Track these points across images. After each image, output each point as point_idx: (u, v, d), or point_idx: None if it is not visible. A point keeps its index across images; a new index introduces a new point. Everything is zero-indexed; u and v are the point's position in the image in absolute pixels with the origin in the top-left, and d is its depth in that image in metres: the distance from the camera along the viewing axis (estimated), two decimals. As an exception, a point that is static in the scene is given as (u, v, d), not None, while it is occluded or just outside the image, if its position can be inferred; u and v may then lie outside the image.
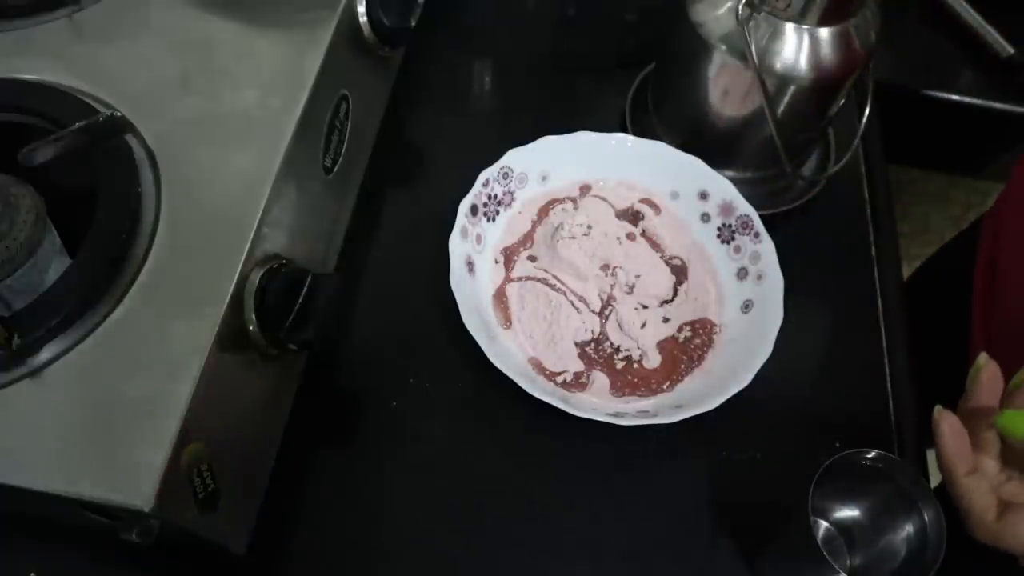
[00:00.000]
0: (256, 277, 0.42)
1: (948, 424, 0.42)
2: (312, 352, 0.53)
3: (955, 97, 0.76)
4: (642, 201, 0.61)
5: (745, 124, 0.58)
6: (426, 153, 0.66)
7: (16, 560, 0.47)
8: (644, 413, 0.50)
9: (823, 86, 0.55)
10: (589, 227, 0.58)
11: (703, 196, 0.59)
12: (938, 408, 0.42)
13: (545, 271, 0.57)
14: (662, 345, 0.55)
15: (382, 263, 0.60)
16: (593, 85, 0.71)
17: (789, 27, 0.52)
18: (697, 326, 0.56)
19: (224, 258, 0.41)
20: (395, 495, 0.51)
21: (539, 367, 0.53)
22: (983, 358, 0.44)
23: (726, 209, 0.58)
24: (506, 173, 0.58)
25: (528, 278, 0.57)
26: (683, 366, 0.54)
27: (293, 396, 0.51)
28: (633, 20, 0.75)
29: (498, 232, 0.58)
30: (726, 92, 0.57)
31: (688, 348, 0.55)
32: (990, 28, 0.77)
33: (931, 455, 0.55)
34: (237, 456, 0.44)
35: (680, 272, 0.58)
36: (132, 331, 0.39)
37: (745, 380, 0.49)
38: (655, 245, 0.59)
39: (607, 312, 0.56)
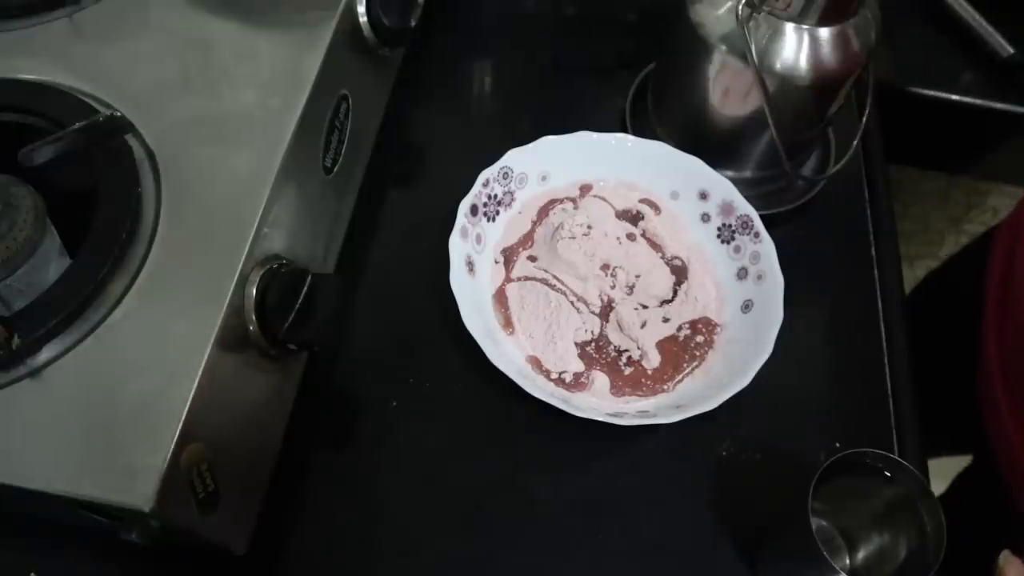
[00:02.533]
0: (256, 277, 0.42)
1: (1013, 568, 0.42)
2: (312, 352, 0.53)
3: (955, 97, 0.76)
4: (642, 201, 0.61)
5: (745, 124, 0.58)
6: (426, 153, 0.66)
7: (16, 560, 0.47)
8: (644, 413, 0.50)
9: (823, 86, 0.55)
10: (589, 227, 0.58)
11: (703, 196, 0.59)
12: (1005, 553, 0.43)
13: (545, 271, 0.57)
14: (662, 345, 0.55)
15: (382, 263, 0.60)
16: (593, 85, 0.71)
17: (789, 27, 0.52)
18: (698, 325, 0.56)
19: (224, 258, 0.41)
20: (395, 495, 0.51)
21: (539, 367, 0.53)
22: (1003, 559, 0.43)
23: (726, 209, 0.58)
24: (506, 173, 0.58)
25: (528, 278, 0.57)
26: (683, 366, 0.54)
27: (293, 396, 0.51)
28: (633, 20, 0.75)
29: (498, 232, 0.58)
30: (726, 92, 0.57)
31: (688, 347, 0.55)
32: (990, 28, 0.77)
33: (932, 463, 0.55)
34: (237, 456, 0.44)
35: (680, 272, 0.58)
36: (132, 331, 0.39)
37: (745, 380, 0.49)
38: (655, 245, 0.59)
39: (607, 312, 0.56)
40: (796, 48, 0.53)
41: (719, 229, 0.58)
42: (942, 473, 0.70)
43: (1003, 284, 0.64)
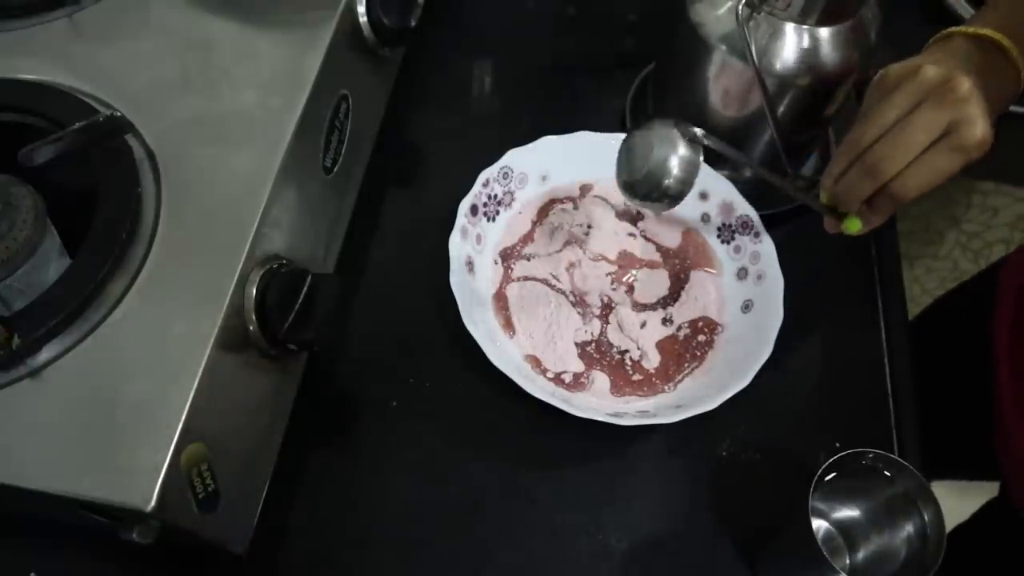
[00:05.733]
0: (256, 277, 0.42)
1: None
2: (312, 352, 0.53)
3: (955, 97, 0.76)
4: (642, 201, 0.61)
5: (745, 124, 0.58)
6: (426, 153, 0.66)
7: (16, 560, 0.47)
8: (644, 413, 0.50)
9: (823, 86, 0.55)
10: (589, 227, 0.58)
11: (703, 196, 0.59)
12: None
13: (545, 271, 0.57)
14: (662, 345, 0.55)
15: (382, 263, 0.60)
16: (593, 85, 0.71)
17: (789, 27, 0.52)
18: (699, 325, 0.56)
19: (224, 258, 0.41)
20: (395, 495, 0.51)
21: (539, 367, 0.53)
22: None
23: (726, 209, 0.58)
24: (506, 173, 0.58)
25: (528, 278, 0.57)
26: (684, 366, 0.54)
27: (293, 396, 0.51)
28: (633, 20, 0.75)
29: (498, 232, 0.58)
30: (726, 92, 0.57)
31: (688, 347, 0.55)
32: (990, 28, 0.77)
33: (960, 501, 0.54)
34: (237, 456, 0.44)
35: (680, 272, 0.58)
36: (132, 331, 0.39)
37: (745, 380, 0.49)
38: (655, 245, 0.59)
39: (607, 312, 0.56)
40: (796, 48, 0.53)
41: (719, 229, 0.58)
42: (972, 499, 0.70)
43: (1016, 335, 0.62)
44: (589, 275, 0.57)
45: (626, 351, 0.55)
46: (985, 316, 0.65)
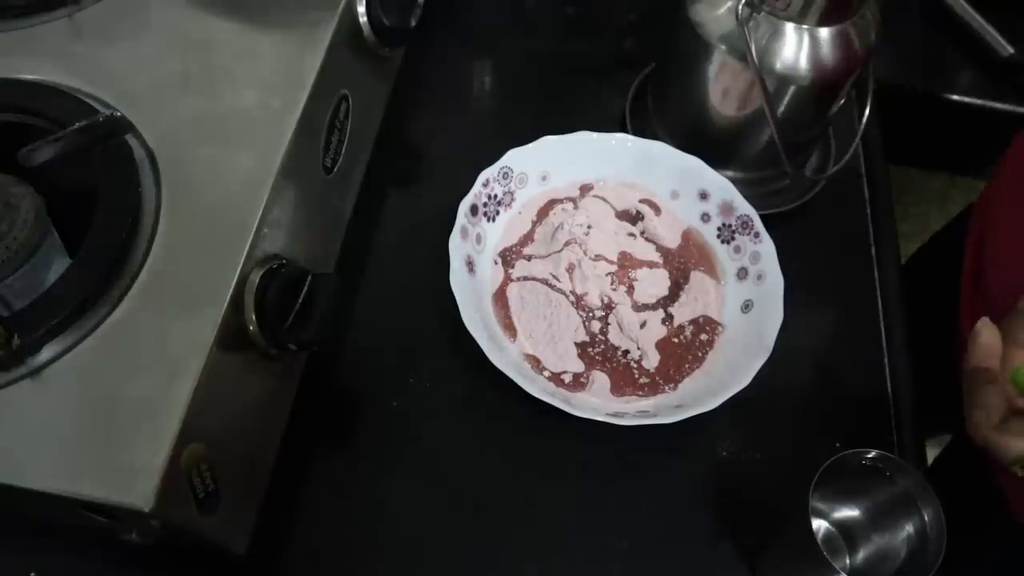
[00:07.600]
0: (256, 277, 0.42)
1: (989, 330, 0.42)
2: (312, 352, 0.53)
3: (955, 97, 0.76)
4: (642, 201, 0.61)
5: (745, 124, 0.58)
6: (426, 153, 0.66)
7: (16, 560, 0.47)
8: (644, 413, 0.50)
9: (823, 86, 0.55)
10: (589, 227, 0.58)
11: (703, 196, 0.59)
12: (983, 319, 0.42)
13: (545, 271, 0.57)
14: (662, 345, 0.55)
15: (382, 263, 0.60)
16: (593, 85, 0.71)
17: (789, 27, 0.52)
18: (699, 325, 0.56)
19: (224, 258, 0.41)
20: (395, 495, 0.51)
21: (539, 367, 0.53)
22: (980, 323, 0.43)
23: (726, 209, 0.58)
24: (506, 173, 0.58)
25: (528, 278, 0.57)
26: (684, 366, 0.54)
27: (293, 396, 0.51)
28: (633, 20, 0.75)
29: (498, 232, 0.58)
30: (726, 92, 0.57)
31: (689, 347, 0.55)
32: (990, 28, 0.77)
33: (931, 453, 0.55)
34: (237, 456, 0.44)
35: (680, 272, 0.58)
36: (132, 331, 0.39)
37: (745, 380, 0.49)
38: (655, 245, 0.59)
39: (607, 312, 0.56)
40: (796, 48, 0.53)
41: (719, 229, 0.58)
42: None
43: (974, 273, 0.64)
44: (589, 275, 0.57)
45: (626, 351, 0.55)
46: (953, 266, 0.66)
